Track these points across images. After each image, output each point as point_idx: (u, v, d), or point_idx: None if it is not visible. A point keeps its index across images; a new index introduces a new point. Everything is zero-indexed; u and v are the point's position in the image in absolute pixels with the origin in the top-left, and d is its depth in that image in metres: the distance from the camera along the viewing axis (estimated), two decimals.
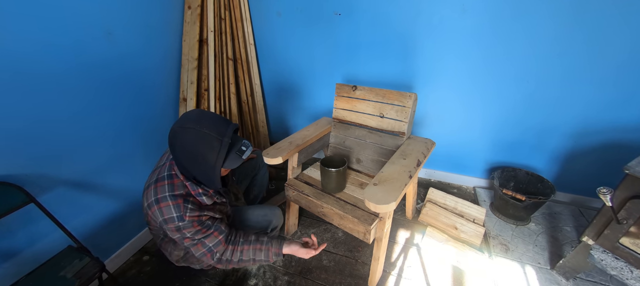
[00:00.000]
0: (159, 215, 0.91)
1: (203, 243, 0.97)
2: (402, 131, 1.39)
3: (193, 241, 0.97)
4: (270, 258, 1.06)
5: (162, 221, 0.92)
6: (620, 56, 1.33)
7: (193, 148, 0.86)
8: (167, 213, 0.90)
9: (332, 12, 1.75)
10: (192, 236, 0.95)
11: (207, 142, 0.86)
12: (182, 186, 0.95)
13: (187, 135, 0.86)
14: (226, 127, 0.90)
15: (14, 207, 1.01)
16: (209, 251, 0.99)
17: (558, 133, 1.60)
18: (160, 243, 1.13)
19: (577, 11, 1.31)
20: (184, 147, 0.87)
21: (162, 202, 0.91)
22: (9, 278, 1.06)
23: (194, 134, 0.86)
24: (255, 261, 1.06)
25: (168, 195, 0.91)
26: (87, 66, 1.21)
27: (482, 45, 1.52)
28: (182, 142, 0.86)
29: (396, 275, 1.39)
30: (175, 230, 0.93)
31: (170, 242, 1.11)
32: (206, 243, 0.98)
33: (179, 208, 0.91)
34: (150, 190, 0.94)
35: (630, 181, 1.00)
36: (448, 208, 1.70)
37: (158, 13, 1.50)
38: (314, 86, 2.10)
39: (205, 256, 1.00)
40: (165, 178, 0.94)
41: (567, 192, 1.76)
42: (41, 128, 1.10)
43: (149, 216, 0.97)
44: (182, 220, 0.91)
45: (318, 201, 1.28)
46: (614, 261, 1.08)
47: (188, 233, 0.94)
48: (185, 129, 0.86)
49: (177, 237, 0.96)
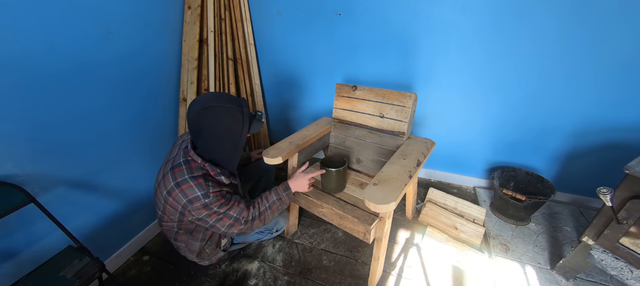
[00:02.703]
0: (182, 197, 0.95)
1: (228, 215, 1.02)
2: (402, 131, 1.39)
3: (219, 216, 1.01)
4: (281, 195, 1.17)
5: (187, 202, 0.95)
6: (622, 56, 1.33)
7: (220, 123, 0.96)
8: (191, 193, 0.95)
9: (332, 12, 1.75)
10: (218, 210, 0.99)
11: (232, 114, 0.97)
12: (200, 168, 0.99)
13: (213, 113, 0.94)
14: (240, 100, 1.02)
15: (14, 207, 1.01)
16: (235, 221, 1.04)
17: (558, 133, 1.60)
18: (176, 236, 1.13)
19: (578, 10, 1.31)
20: (212, 123, 0.95)
21: (183, 185, 0.95)
22: (9, 278, 1.06)
23: (219, 111, 0.95)
24: (271, 209, 1.14)
25: (188, 177, 0.96)
26: (86, 66, 1.21)
27: (483, 44, 1.52)
28: (209, 120, 0.94)
29: (396, 275, 1.39)
30: (202, 208, 0.96)
31: (185, 234, 1.12)
32: (231, 214, 1.02)
33: (202, 187, 0.95)
34: (167, 177, 0.97)
35: (630, 181, 1.00)
36: (448, 208, 1.70)
37: (158, 13, 1.50)
38: (314, 86, 2.10)
39: (232, 227, 1.04)
40: (182, 163, 0.99)
41: (567, 192, 1.75)
42: (41, 128, 1.10)
43: (169, 204, 0.99)
44: (207, 196, 0.96)
45: (318, 201, 1.28)
46: (614, 261, 1.08)
47: (215, 208, 0.98)
48: (209, 108, 0.94)
49: (203, 216, 0.99)
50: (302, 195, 1.34)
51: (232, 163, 1.06)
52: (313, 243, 1.59)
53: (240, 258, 1.51)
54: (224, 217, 1.02)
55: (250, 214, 1.08)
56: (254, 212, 1.10)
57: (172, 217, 1.05)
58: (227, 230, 1.05)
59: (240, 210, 1.05)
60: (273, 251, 1.55)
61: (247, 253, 1.54)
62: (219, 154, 1.02)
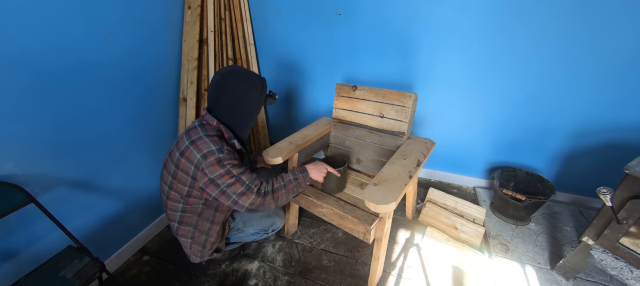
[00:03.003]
0: (196, 153, 0.96)
1: (241, 181, 1.00)
2: (402, 131, 1.39)
3: (231, 179, 0.98)
4: (297, 175, 1.14)
5: (201, 157, 0.96)
6: (622, 55, 1.33)
7: (241, 88, 1.05)
8: (206, 148, 0.97)
9: (332, 12, 1.75)
10: (231, 170, 0.99)
11: (253, 83, 1.08)
12: (215, 129, 1.04)
13: (236, 77, 1.04)
14: (261, 76, 1.13)
15: (14, 206, 1.00)
16: (247, 189, 1.01)
17: (558, 133, 1.60)
18: (181, 220, 1.11)
19: (579, 9, 1.31)
20: (233, 87, 1.03)
21: (198, 141, 0.98)
22: (9, 278, 1.05)
23: (242, 77, 1.06)
24: (286, 188, 1.11)
25: (203, 135, 1.00)
26: (86, 65, 1.21)
27: (483, 44, 1.52)
28: (231, 83, 1.03)
29: (396, 275, 1.39)
30: (216, 164, 0.97)
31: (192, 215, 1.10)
32: (243, 180, 1.01)
33: (216, 143, 0.99)
34: (182, 139, 1.02)
35: (630, 181, 1.00)
36: (448, 208, 1.70)
37: (158, 13, 1.50)
38: (314, 86, 2.10)
39: (244, 196, 1.01)
40: (197, 126, 1.04)
41: (567, 192, 1.75)
42: (41, 128, 1.10)
43: (181, 169, 1.00)
44: (222, 151, 0.98)
45: (318, 201, 1.28)
46: (614, 261, 1.08)
47: (228, 165, 0.98)
48: (234, 73, 1.05)
49: (216, 176, 0.97)
50: (302, 195, 1.34)
51: (245, 130, 1.13)
52: (313, 243, 1.59)
53: (240, 258, 1.51)
54: (237, 182, 0.99)
55: (263, 188, 1.05)
56: (267, 187, 1.07)
57: (182, 187, 1.03)
58: (237, 198, 1.00)
59: (252, 179, 1.03)
60: (273, 251, 1.55)
61: (247, 253, 1.54)
62: (235, 118, 1.08)
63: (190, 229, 1.13)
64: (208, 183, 0.99)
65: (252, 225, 1.30)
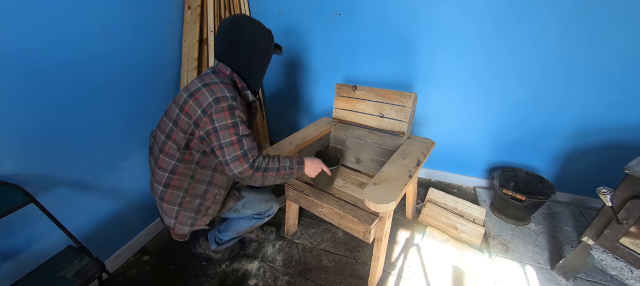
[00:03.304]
0: (209, 95, 0.92)
1: (241, 143, 0.95)
2: (402, 131, 1.39)
3: (234, 136, 0.93)
4: (293, 164, 1.09)
5: (214, 100, 0.91)
6: (623, 55, 1.33)
7: (254, 33, 1.02)
8: (220, 92, 0.93)
9: (332, 12, 1.76)
10: (239, 124, 0.94)
11: (263, 29, 1.06)
12: (229, 78, 1.02)
13: (248, 22, 1.02)
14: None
15: (14, 206, 1.00)
16: (243, 155, 0.95)
17: (558, 133, 1.60)
18: (173, 173, 1.01)
19: (580, 9, 1.31)
20: (245, 31, 1.00)
21: (212, 85, 0.94)
22: (9, 278, 1.05)
23: (253, 22, 1.03)
24: (279, 173, 1.04)
25: (218, 80, 0.96)
26: (86, 65, 1.21)
27: (483, 44, 1.52)
28: (244, 27, 1.00)
29: (396, 275, 1.39)
30: (227, 110, 0.92)
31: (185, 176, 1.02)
32: (244, 143, 0.95)
33: (231, 91, 0.95)
34: (193, 82, 0.99)
35: (630, 181, 1.00)
36: (448, 208, 1.70)
37: (158, 13, 1.50)
38: (314, 86, 2.10)
39: (237, 161, 0.94)
40: (210, 72, 1.01)
41: (567, 192, 1.75)
42: (41, 128, 1.10)
43: (185, 111, 0.94)
44: (235, 100, 0.94)
45: (318, 201, 1.28)
46: (614, 261, 1.08)
47: (238, 118, 0.94)
48: (246, 18, 1.03)
49: (222, 125, 0.91)
50: (302, 195, 1.34)
51: (258, 80, 1.11)
52: (313, 243, 1.59)
53: (240, 258, 1.51)
54: (237, 143, 0.94)
55: (258, 162, 0.99)
56: (263, 162, 1.00)
57: (181, 136, 0.96)
58: (230, 161, 0.94)
59: (252, 146, 0.98)
60: (273, 251, 1.55)
61: (247, 253, 1.54)
62: (248, 66, 1.05)
63: (178, 194, 1.04)
64: (211, 131, 0.93)
65: (250, 208, 1.27)
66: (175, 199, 1.04)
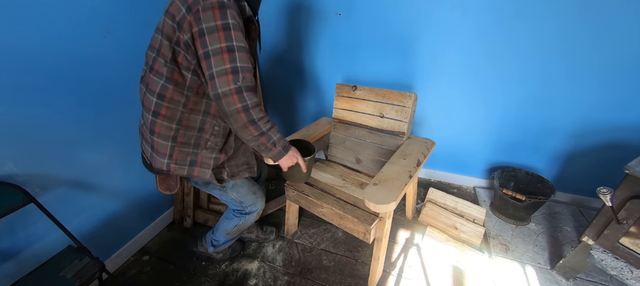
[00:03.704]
0: None
1: (232, 55, 0.76)
2: (402, 131, 1.39)
3: (224, 43, 0.75)
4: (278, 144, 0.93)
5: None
6: (624, 55, 1.32)
7: None
8: None
9: (332, 12, 1.75)
10: (230, 27, 0.75)
11: None
12: None
13: None
14: None
15: (14, 207, 1.00)
16: (233, 71, 0.76)
17: (559, 133, 1.60)
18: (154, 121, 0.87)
19: (582, 8, 1.30)
20: None
21: None
22: (9, 278, 1.06)
23: None
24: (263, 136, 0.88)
25: None
26: (86, 65, 1.21)
27: (483, 44, 1.52)
28: None
29: (396, 275, 1.39)
30: (217, 8, 0.74)
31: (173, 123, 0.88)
32: (237, 56, 0.76)
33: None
34: None
35: (630, 181, 1.00)
36: (448, 208, 1.70)
37: (158, 13, 1.49)
38: (314, 86, 2.10)
39: (224, 77, 0.76)
40: None
41: (567, 192, 1.76)
42: (41, 128, 1.10)
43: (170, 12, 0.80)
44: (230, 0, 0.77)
45: (318, 201, 1.28)
46: (614, 261, 1.08)
47: (230, 18, 0.75)
48: None
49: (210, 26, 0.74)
50: (302, 195, 1.34)
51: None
52: (313, 243, 1.59)
53: (240, 258, 1.51)
54: (227, 53, 0.75)
55: (250, 98, 0.80)
56: (255, 103, 0.82)
57: (166, 44, 0.81)
58: (216, 74, 0.76)
59: (247, 67, 0.79)
60: (273, 251, 1.55)
61: (247, 253, 1.54)
62: None
63: (171, 126, 0.88)
64: (196, 35, 0.76)
65: (237, 192, 1.15)
66: (168, 132, 0.88)
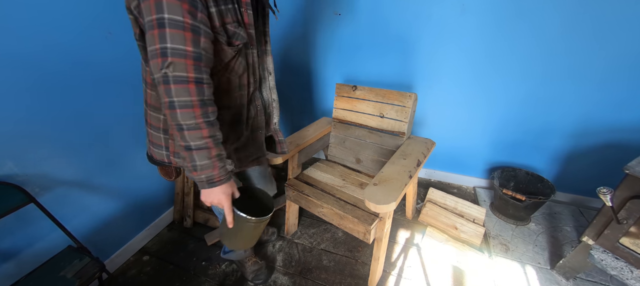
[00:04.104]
0: None
1: (161, 33, 0.57)
2: (402, 131, 1.39)
3: (156, 14, 0.57)
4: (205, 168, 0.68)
5: None
6: (625, 55, 1.32)
7: None
8: None
9: (332, 12, 1.75)
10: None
11: None
12: None
13: None
14: None
15: (14, 207, 1.00)
16: (162, 54, 0.58)
17: (559, 133, 1.60)
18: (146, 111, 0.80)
19: (581, 9, 1.30)
20: None
21: None
22: (9, 278, 1.06)
23: None
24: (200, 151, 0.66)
25: None
26: (86, 65, 1.21)
27: (484, 44, 1.52)
28: None
29: (396, 275, 1.39)
30: None
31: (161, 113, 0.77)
32: (166, 34, 0.57)
33: None
34: None
35: (630, 181, 1.00)
36: (448, 208, 1.70)
37: None
38: (314, 86, 2.10)
39: (155, 59, 0.59)
40: None
41: (567, 192, 1.76)
42: (40, 128, 1.10)
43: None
44: None
45: (318, 201, 1.28)
46: (614, 261, 1.08)
47: None
48: None
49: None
50: (302, 195, 1.34)
51: None
52: (313, 243, 1.59)
53: None
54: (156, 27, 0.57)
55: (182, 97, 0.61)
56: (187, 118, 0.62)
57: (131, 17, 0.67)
58: (151, 60, 0.60)
59: (179, 50, 0.59)
60: (273, 251, 1.55)
61: None
62: None
63: (159, 117, 0.79)
64: (138, 4, 0.61)
65: None
66: (157, 123, 0.80)
